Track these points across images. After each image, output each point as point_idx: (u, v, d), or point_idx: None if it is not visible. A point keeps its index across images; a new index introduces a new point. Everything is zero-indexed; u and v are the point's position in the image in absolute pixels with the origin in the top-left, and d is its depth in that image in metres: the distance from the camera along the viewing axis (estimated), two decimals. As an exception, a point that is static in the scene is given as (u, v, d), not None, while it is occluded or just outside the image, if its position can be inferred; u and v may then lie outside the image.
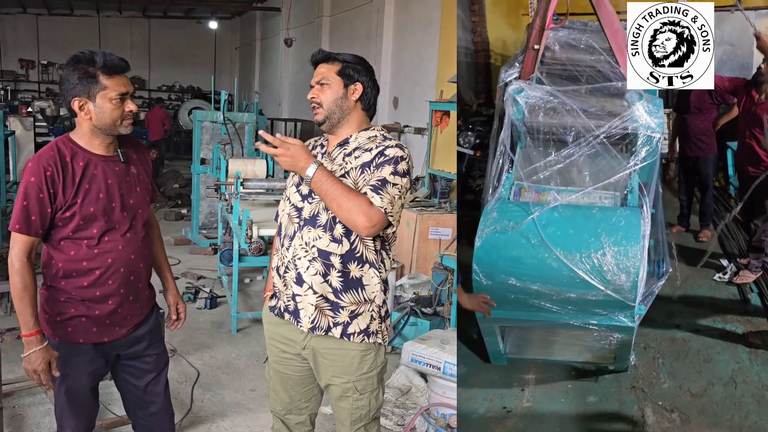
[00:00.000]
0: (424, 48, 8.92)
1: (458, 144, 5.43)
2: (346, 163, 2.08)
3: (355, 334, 2.12)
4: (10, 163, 8.31)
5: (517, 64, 3.26)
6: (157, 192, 2.52)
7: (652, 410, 2.93)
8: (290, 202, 2.18)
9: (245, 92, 16.31)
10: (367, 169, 2.04)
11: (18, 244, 2.06)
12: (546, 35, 3.10)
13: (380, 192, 2.00)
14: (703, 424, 2.83)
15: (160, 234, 2.53)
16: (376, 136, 2.15)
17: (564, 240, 2.64)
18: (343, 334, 2.11)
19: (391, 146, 2.07)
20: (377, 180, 2.01)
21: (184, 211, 9.22)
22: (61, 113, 12.66)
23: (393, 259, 2.24)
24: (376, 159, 2.05)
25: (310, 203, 2.11)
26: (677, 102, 4.93)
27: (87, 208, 2.09)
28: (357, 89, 2.12)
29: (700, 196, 4.83)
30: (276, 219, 2.34)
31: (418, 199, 6.66)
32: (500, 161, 3.01)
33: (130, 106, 2.11)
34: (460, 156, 5.45)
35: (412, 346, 3.32)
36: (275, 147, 1.98)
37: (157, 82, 20.76)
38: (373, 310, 2.14)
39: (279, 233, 2.27)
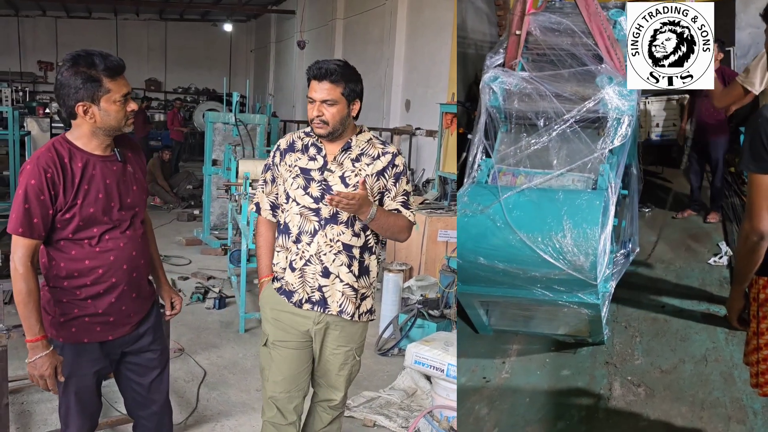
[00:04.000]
0: (436, 51, 8.92)
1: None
2: (359, 170, 2.30)
3: (364, 314, 2.43)
4: (27, 163, 8.43)
5: (501, 51, 3.32)
6: (147, 189, 2.51)
7: (620, 384, 3.04)
8: (299, 203, 2.32)
9: (259, 94, 16.42)
10: (382, 177, 2.32)
11: (20, 248, 2.02)
12: (527, 21, 3.14)
13: (409, 206, 2.39)
14: (665, 399, 2.92)
15: (152, 231, 2.51)
16: (371, 139, 2.38)
17: (528, 222, 2.82)
18: (358, 316, 2.40)
19: (396, 153, 2.36)
20: (403, 195, 2.37)
21: (196, 212, 9.28)
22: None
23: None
24: (390, 169, 2.33)
25: (326, 205, 2.28)
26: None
27: (87, 209, 2.08)
28: (356, 106, 2.30)
29: (711, 180, 4.88)
30: (258, 212, 2.47)
31: (427, 201, 6.66)
32: (476, 148, 3.16)
33: (132, 105, 2.11)
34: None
35: (416, 347, 3.32)
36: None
37: (173, 84, 20.95)
38: (373, 293, 2.47)
39: (282, 232, 2.38)
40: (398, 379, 3.94)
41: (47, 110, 12.50)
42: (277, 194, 2.40)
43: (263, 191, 2.45)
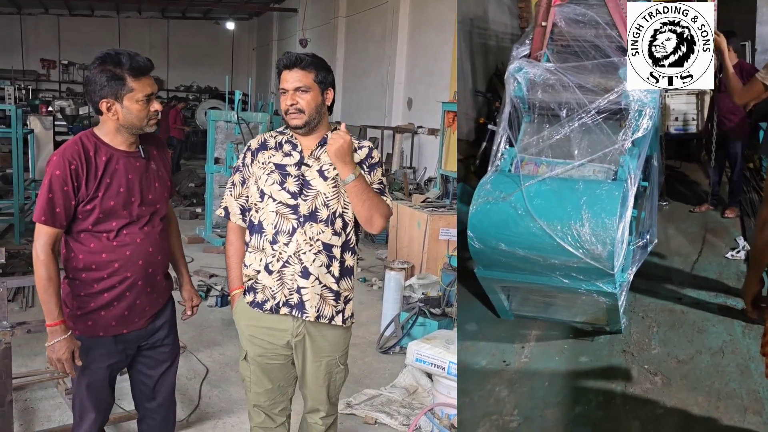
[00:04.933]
0: (438, 49, 8.93)
1: (495, 124, 5.49)
2: None
3: (348, 319, 2.35)
4: (30, 161, 8.45)
5: (527, 42, 3.34)
6: (174, 188, 2.55)
7: (638, 372, 3.06)
8: (275, 200, 2.22)
9: (261, 92, 16.43)
10: (361, 168, 2.25)
11: (43, 236, 2.10)
12: (553, 12, 3.16)
13: (386, 194, 2.31)
14: (682, 388, 2.93)
15: (177, 229, 2.57)
16: None
17: (548, 211, 2.85)
18: (342, 321, 2.31)
19: (372, 147, 2.32)
20: (379, 184, 2.30)
21: (198, 210, 9.30)
22: (81, 112, 12.83)
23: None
24: (367, 161, 2.28)
25: (305, 200, 2.21)
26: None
27: (107, 202, 2.14)
28: (329, 94, 2.25)
29: (730, 174, 4.86)
30: (227, 216, 2.36)
31: (429, 199, 6.67)
32: (500, 137, 3.19)
33: (155, 106, 2.17)
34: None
35: (417, 345, 3.33)
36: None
37: (176, 82, 20.99)
38: (354, 296, 2.38)
39: (256, 231, 2.26)
40: (399, 377, 3.96)
41: (50, 108, 12.52)
42: (247, 197, 2.30)
43: (231, 194, 2.34)
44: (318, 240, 2.20)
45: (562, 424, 2.80)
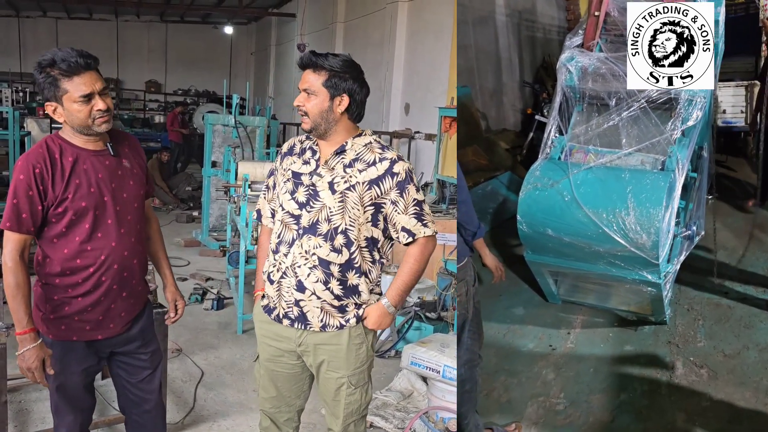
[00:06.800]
0: (436, 54, 8.95)
1: (542, 115, 5.50)
2: (350, 176, 2.11)
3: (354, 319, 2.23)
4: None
5: (580, 32, 3.36)
6: (153, 186, 2.44)
7: (683, 364, 3.08)
8: (284, 209, 2.18)
9: (259, 97, 16.46)
10: (376, 186, 2.10)
11: (10, 242, 2.05)
12: (606, 2, 3.17)
13: (424, 218, 2.15)
14: (729, 383, 2.92)
15: (159, 229, 2.51)
16: (371, 143, 2.17)
17: (593, 199, 2.88)
18: (350, 333, 2.22)
19: (395, 159, 2.12)
20: (415, 206, 2.12)
21: (195, 213, 9.30)
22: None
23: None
24: (388, 178, 2.10)
25: (309, 212, 2.13)
26: (762, 72, 4.88)
27: (78, 203, 2.08)
28: (343, 101, 2.09)
29: None
30: (259, 219, 2.37)
31: (426, 204, 6.68)
32: (551, 126, 3.24)
33: (100, 104, 2.04)
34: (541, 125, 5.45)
35: (412, 349, 3.34)
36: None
37: (173, 86, 20.99)
38: (371, 303, 2.25)
39: (272, 238, 2.26)
40: (395, 381, 3.96)
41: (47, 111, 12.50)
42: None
43: (265, 197, 2.34)
44: (314, 254, 2.11)
45: (607, 410, 2.82)
